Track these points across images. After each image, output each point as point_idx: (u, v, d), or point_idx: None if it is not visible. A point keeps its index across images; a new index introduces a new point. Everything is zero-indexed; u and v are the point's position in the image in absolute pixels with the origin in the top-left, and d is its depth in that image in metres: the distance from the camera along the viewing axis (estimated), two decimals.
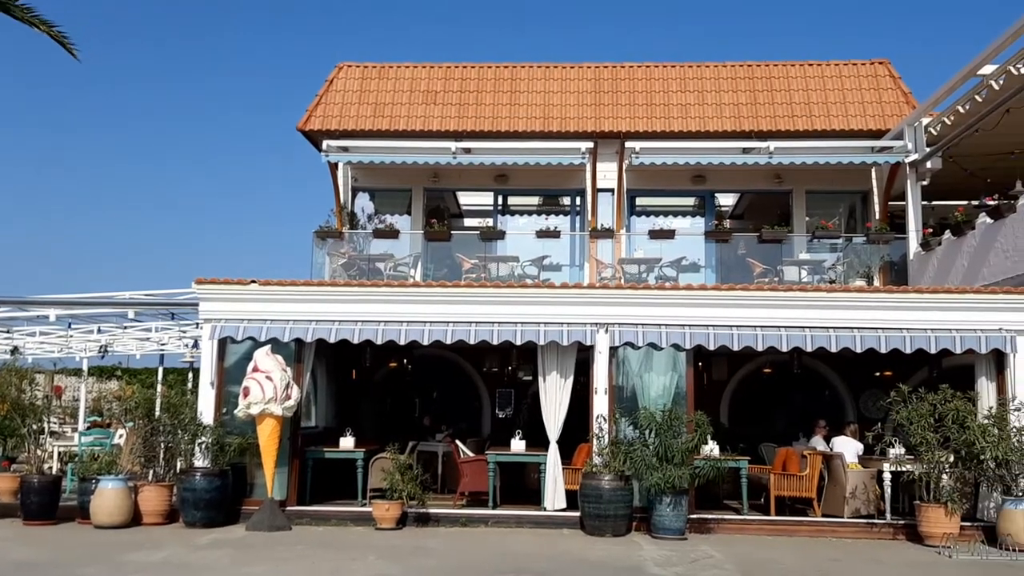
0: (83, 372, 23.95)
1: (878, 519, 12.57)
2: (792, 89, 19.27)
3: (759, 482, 13.69)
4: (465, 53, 78.35)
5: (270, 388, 12.26)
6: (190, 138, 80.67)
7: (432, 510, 12.74)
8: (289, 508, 12.84)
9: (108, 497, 12.13)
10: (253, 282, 13.36)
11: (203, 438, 12.73)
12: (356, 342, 13.16)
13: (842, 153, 17.34)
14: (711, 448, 12.75)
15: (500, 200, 19.68)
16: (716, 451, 12.80)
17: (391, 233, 18.60)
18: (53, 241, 76.04)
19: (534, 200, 20.26)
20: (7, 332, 21.64)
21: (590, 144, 17.95)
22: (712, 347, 12.91)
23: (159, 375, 24.48)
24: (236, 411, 12.57)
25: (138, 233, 78.37)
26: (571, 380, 13.21)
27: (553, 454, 13.04)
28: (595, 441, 12.71)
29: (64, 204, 78.72)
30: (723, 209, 20.09)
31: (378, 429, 16.31)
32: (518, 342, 13.08)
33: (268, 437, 12.43)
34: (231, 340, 13.31)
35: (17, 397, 13.38)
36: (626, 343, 13.04)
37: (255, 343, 13.02)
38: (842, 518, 12.66)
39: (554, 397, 13.17)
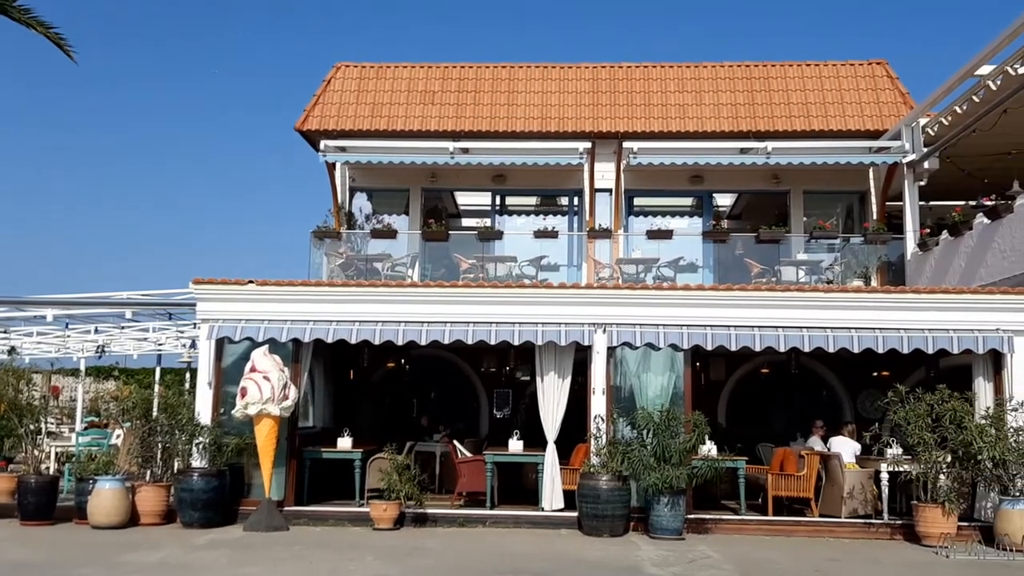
0: (80, 372, 23.91)
1: (876, 519, 12.58)
2: (790, 89, 19.28)
3: (757, 482, 13.71)
4: (465, 53, 78.41)
5: (267, 388, 12.25)
6: (190, 138, 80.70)
7: (430, 510, 12.74)
8: (287, 508, 12.83)
9: (105, 497, 12.12)
10: (251, 282, 13.36)
11: (200, 438, 12.72)
12: (354, 342, 13.16)
13: (840, 153, 17.35)
14: (709, 448, 12.76)
15: (498, 200, 19.68)
16: (714, 451, 12.81)
17: (389, 233, 18.61)
18: (53, 241, 76.05)
19: (532, 200, 20.26)
20: (4, 332, 21.58)
21: (588, 144, 17.95)
22: (710, 347, 12.92)
23: (156, 375, 24.42)
24: (233, 411, 12.56)
25: (138, 233, 78.39)
26: (569, 380, 13.21)
27: (551, 454, 13.04)
28: (593, 441, 12.71)
29: (64, 204, 78.74)
30: (721, 209, 20.10)
31: (376, 429, 16.29)
32: (516, 342, 13.08)
33: (265, 437, 12.42)
34: (228, 340, 13.31)
35: (14, 397, 13.35)
36: (624, 343, 13.04)
37: (253, 343, 13.02)
38: (840, 518, 12.67)
39: (552, 397, 13.17)
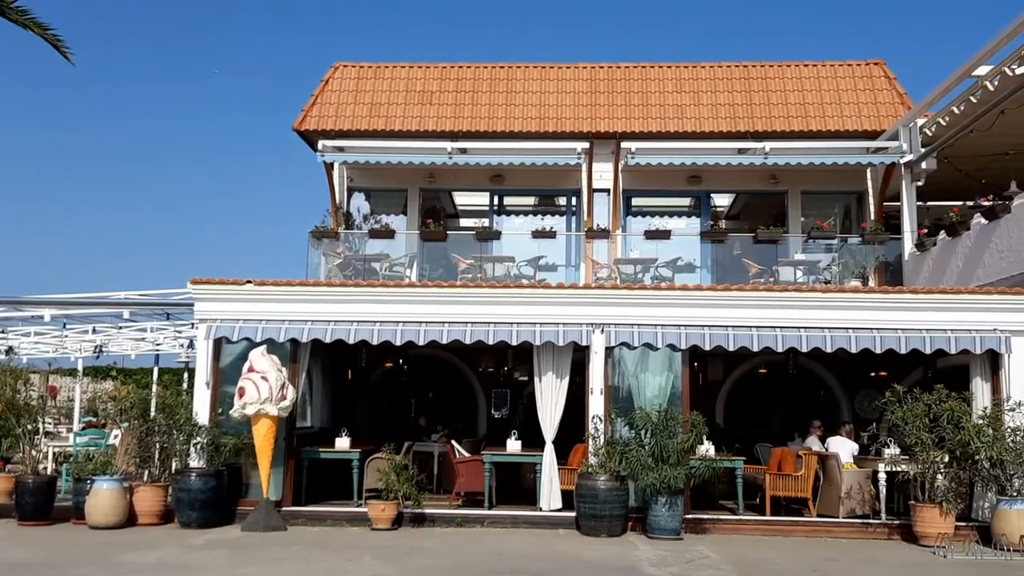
0: (78, 372, 23.88)
1: (873, 519, 12.59)
2: (787, 90, 19.31)
3: (755, 482, 13.72)
4: (465, 53, 78.32)
5: (265, 388, 12.24)
6: (190, 138, 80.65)
7: (428, 510, 12.73)
8: (285, 508, 12.82)
9: (103, 497, 12.11)
10: (248, 282, 13.35)
11: (198, 438, 12.71)
12: (352, 342, 13.15)
13: (837, 154, 17.38)
14: (707, 448, 12.76)
15: (496, 200, 19.68)
16: (712, 451, 12.82)
17: (387, 233, 18.61)
18: (53, 241, 75.95)
19: (530, 200, 20.27)
20: (2, 332, 21.53)
21: (586, 144, 17.95)
22: (708, 347, 12.92)
23: (154, 375, 24.40)
24: (231, 411, 12.55)
25: (138, 233, 78.34)
26: (567, 380, 13.21)
27: (549, 454, 13.04)
28: (591, 441, 12.71)
29: (64, 204, 78.65)
30: (719, 209, 20.10)
31: (374, 429, 16.28)
32: (514, 342, 13.08)
33: (263, 437, 12.41)
34: (226, 340, 13.30)
35: (12, 397, 13.32)
36: (622, 343, 13.05)
37: (251, 343, 13.01)
38: (837, 518, 12.68)
39: (550, 397, 13.17)
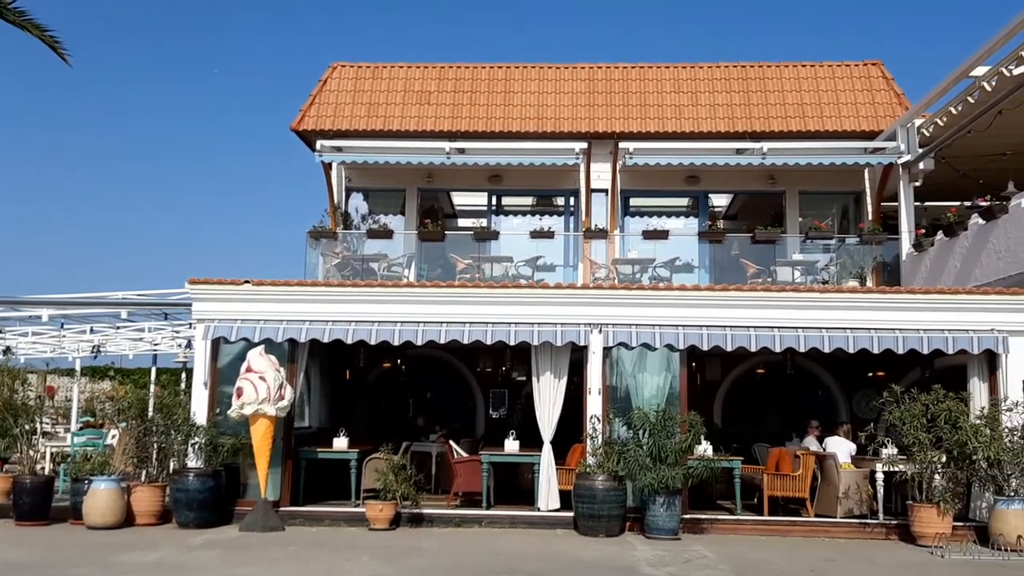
0: (76, 372, 23.88)
1: (871, 519, 12.60)
2: (785, 90, 19.32)
3: (752, 482, 13.73)
4: (464, 53, 78.17)
5: (263, 388, 12.24)
6: (190, 138, 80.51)
7: (426, 510, 12.73)
8: (282, 509, 12.82)
9: (101, 498, 12.10)
10: (247, 282, 13.34)
11: (196, 438, 12.70)
12: (350, 342, 13.15)
13: (835, 154, 17.40)
14: (704, 448, 12.76)
15: (494, 200, 19.68)
16: (709, 451, 12.82)
17: (385, 233, 18.60)
18: (53, 241, 75.81)
19: (528, 200, 20.27)
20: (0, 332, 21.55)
21: (584, 145, 17.97)
22: (706, 347, 12.93)
23: (152, 375, 24.42)
24: (229, 411, 12.54)
25: (138, 233, 78.19)
26: (565, 380, 13.22)
27: (547, 454, 13.04)
28: (589, 441, 12.71)
29: (64, 204, 78.52)
30: (716, 210, 20.10)
31: (372, 429, 16.27)
32: (512, 342, 13.08)
33: (261, 437, 12.41)
34: (224, 340, 13.29)
35: (9, 397, 13.30)
36: (620, 343, 13.05)
37: (248, 343, 12.99)
38: (835, 518, 12.69)
39: (548, 397, 13.17)
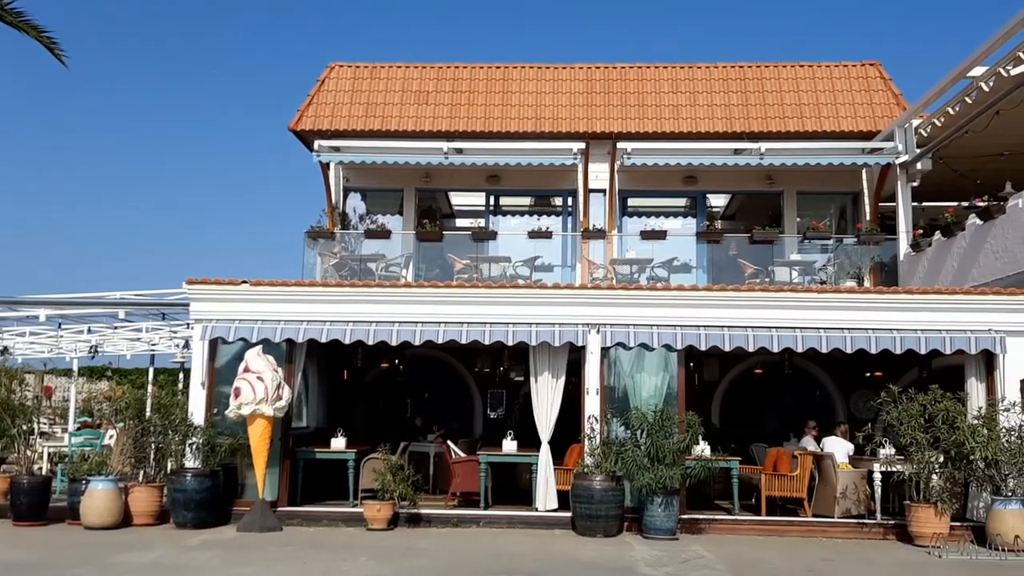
0: (73, 372, 23.87)
1: (868, 519, 12.61)
2: (783, 90, 19.32)
3: (750, 482, 13.73)
4: (464, 53, 78.19)
5: (261, 389, 12.23)
6: (190, 138, 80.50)
7: (423, 511, 12.73)
8: (280, 509, 12.81)
9: (98, 498, 12.09)
10: (244, 282, 13.33)
11: (194, 439, 12.69)
12: (347, 342, 13.14)
13: (833, 154, 17.40)
14: (702, 448, 12.77)
15: (492, 200, 19.68)
16: (707, 451, 12.83)
17: (383, 233, 18.59)
18: (53, 241, 75.79)
19: (526, 200, 20.26)
20: None
21: (582, 145, 17.96)
22: (703, 347, 12.93)
23: (149, 375, 24.39)
24: (227, 412, 12.54)
25: (138, 233, 78.24)
26: (563, 380, 13.22)
27: (545, 454, 13.04)
28: (587, 441, 12.72)
29: (64, 204, 78.47)
30: (714, 210, 20.11)
31: (369, 429, 16.28)
32: (510, 342, 13.08)
33: (259, 438, 12.40)
34: (222, 340, 13.28)
35: (7, 397, 13.29)
36: (617, 343, 13.05)
37: (246, 343, 12.99)
38: (833, 518, 12.69)
39: (546, 397, 13.17)
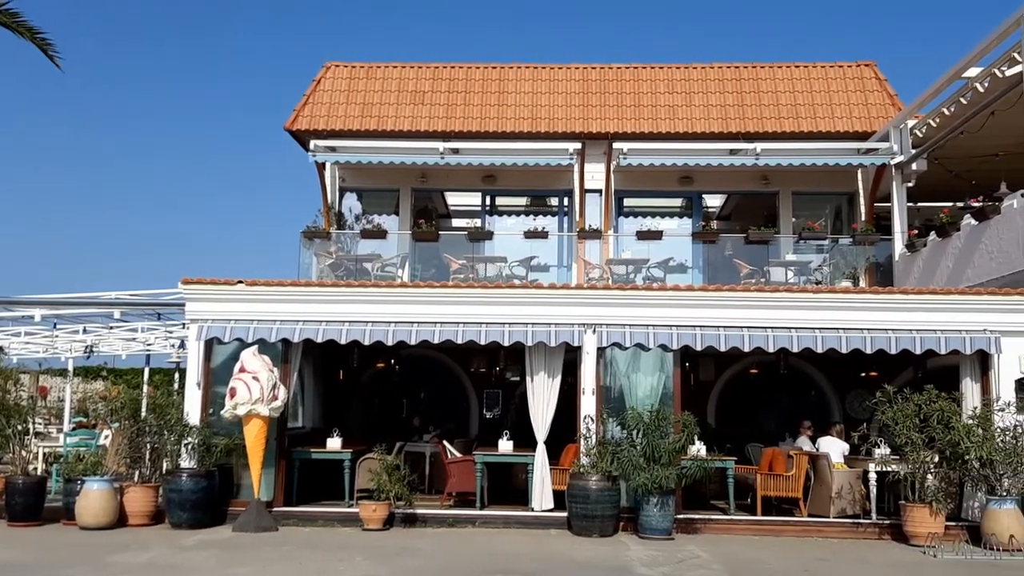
0: (68, 372, 23.80)
1: (864, 519, 12.63)
2: (779, 91, 19.35)
3: (746, 482, 13.74)
4: (464, 54, 78.08)
5: (257, 389, 12.22)
6: (189, 138, 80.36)
7: (419, 511, 12.73)
8: (276, 509, 12.80)
9: (93, 498, 12.07)
10: (240, 282, 13.31)
11: (189, 439, 12.69)
12: (343, 342, 13.13)
13: (828, 155, 17.42)
14: (698, 448, 12.79)
15: (488, 200, 19.68)
16: (703, 451, 12.84)
17: (379, 233, 18.58)
18: (53, 241, 75.62)
19: (522, 201, 20.27)
20: None
21: (578, 145, 17.97)
22: (699, 348, 12.95)
23: (145, 375, 24.34)
24: (223, 412, 12.52)
25: (137, 233, 78.07)
26: (559, 380, 13.22)
27: (541, 454, 13.04)
28: (583, 441, 12.72)
29: (64, 204, 78.31)
30: (710, 210, 20.16)
31: (365, 430, 16.28)
32: (506, 343, 13.08)
33: (255, 438, 12.39)
34: (218, 341, 13.26)
35: (2, 398, 13.28)
36: (614, 344, 13.06)
37: (242, 344, 12.97)
38: (828, 518, 12.71)
39: (542, 398, 13.17)
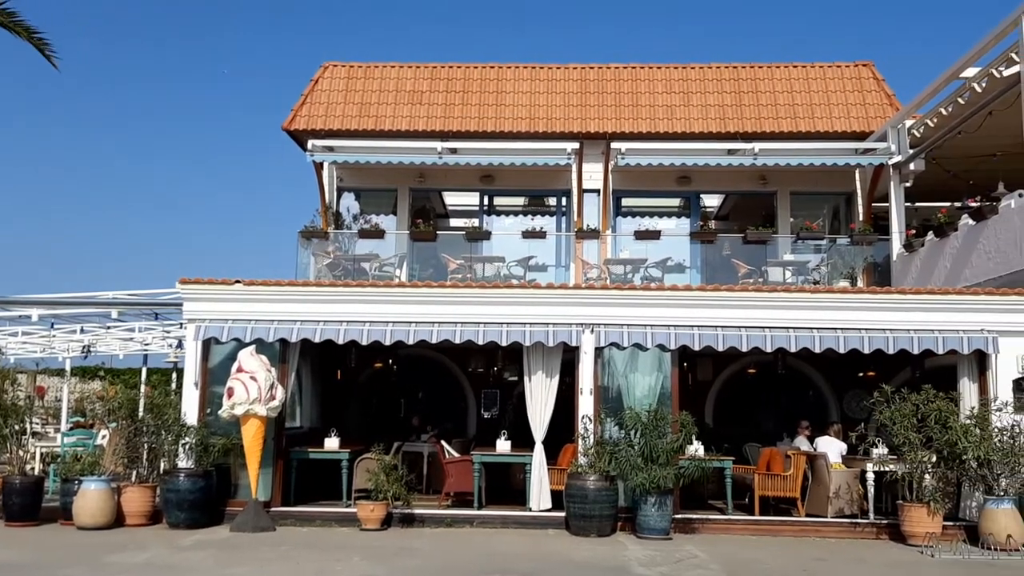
0: (66, 372, 23.76)
1: (861, 519, 12.64)
2: (776, 91, 19.36)
3: (743, 482, 13.75)
4: (464, 54, 77.97)
5: (254, 388, 12.21)
6: (189, 138, 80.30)
7: (417, 511, 12.72)
8: (273, 509, 12.79)
9: (91, 498, 12.05)
10: (238, 282, 13.30)
11: (187, 439, 12.67)
12: (341, 342, 13.12)
13: (826, 154, 17.44)
14: (696, 448, 12.79)
15: (486, 200, 19.68)
16: (701, 451, 12.84)
17: (376, 233, 18.59)
18: (53, 241, 75.54)
19: (520, 200, 20.27)
20: None
21: (576, 145, 17.97)
22: (697, 347, 12.95)
23: (142, 375, 24.30)
24: (220, 412, 12.51)
25: (137, 233, 78.03)
26: (557, 380, 13.22)
27: (538, 454, 13.04)
28: (580, 441, 12.72)
29: (63, 204, 78.22)
30: (708, 210, 20.17)
31: (363, 429, 16.26)
32: (504, 343, 13.07)
33: (252, 438, 12.38)
34: (215, 340, 13.24)
35: None
36: (611, 343, 13.06)
37: (240, 343, 12.96)
38: (826, 518, 12.72)
39: (540, 397, 13.17)
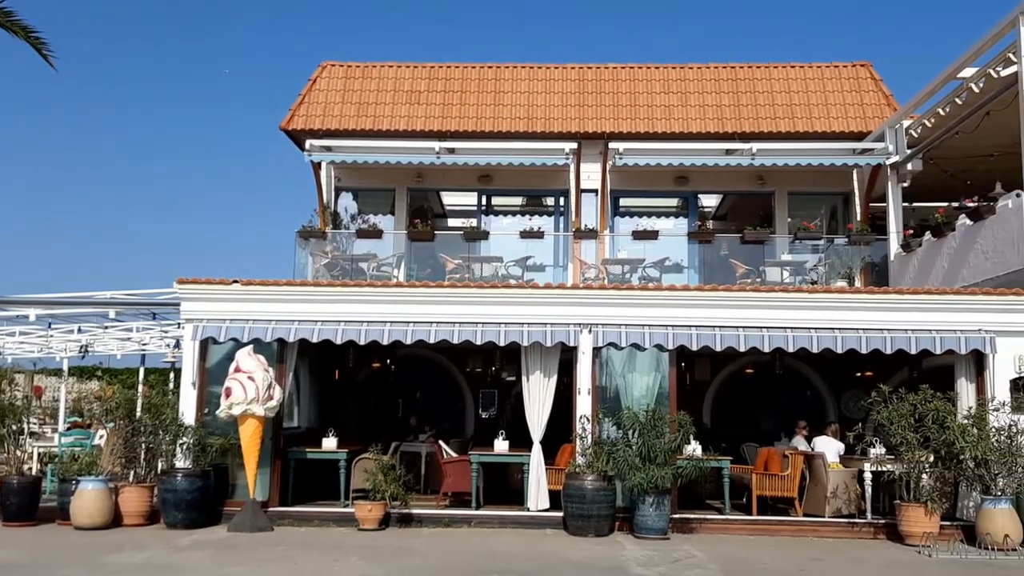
0: (63, 372, 23.74)
1: (859, 518, 12.65)
2: (774, 91, 19.38)
3: (741, 482, 13.76)
4: (464, 54, 77.71)
5: (252, 388, 12.20)
6: (189, 138, 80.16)
7: (415, 511, 12.72)
8: (271, 509, 12.78)
9: (88, 498, 12.04)
10: (235, 282, 13.29)
11: (184, 439, 12.65)
12: (339, 342, 13.12)
13: (824, 155, 17.46)
14: (694, 448, 12.79)
15: (484, 200, 19.68)
16: (699, 451, 12.85)
17: (374, 233, 18.58)
18: (53, 241, 75.36)
19: (518, 200, 20.28)
20: None
21: (574, 145, 17.98)
22: (695, 347, 12.95)
23: (140, 375, 24.28)
24: (218, 412, 12.50)
25: (137, 233, 77.82)
26: (554, 380, 13.21)
27: (536, 454, 13.04)
28: (578, 441, 12.73)
29: (63, 204, 78.08)
30: (706, 210, 20.17)
31: (361, 430, 16.25)
32: (502, 343, 13.07)
33: (250, 438, 12.37)
34: (213, 340, 13.24)
35: None
36: (609, 343, 13.06)
37: (237, 343, 12.95)
38: (823, 518, 12.73)
39: (537, 397, 13.17)
